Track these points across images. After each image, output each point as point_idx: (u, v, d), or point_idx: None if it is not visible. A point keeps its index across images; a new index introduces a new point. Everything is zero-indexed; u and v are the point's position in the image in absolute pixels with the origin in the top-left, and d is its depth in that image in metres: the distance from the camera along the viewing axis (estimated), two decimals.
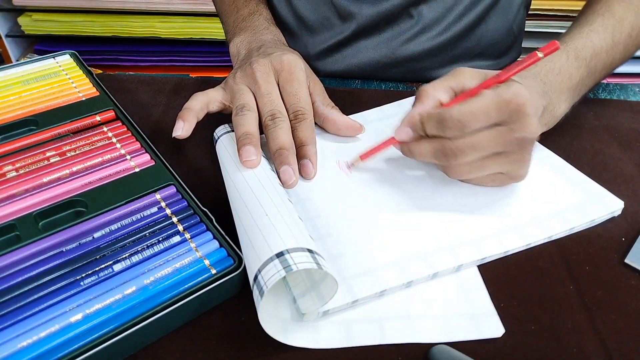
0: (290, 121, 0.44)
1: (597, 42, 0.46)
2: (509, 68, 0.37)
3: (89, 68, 0.56)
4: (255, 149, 0.40)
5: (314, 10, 0.60)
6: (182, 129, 0.44)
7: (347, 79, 0.60)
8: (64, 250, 0.35)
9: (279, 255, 0.31)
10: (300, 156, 0.44)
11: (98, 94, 0.52)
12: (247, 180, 0.38)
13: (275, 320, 0.32)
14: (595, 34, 0.46)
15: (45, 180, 0.41)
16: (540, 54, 0.37)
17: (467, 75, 0.40)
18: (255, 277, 0.31)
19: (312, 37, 0.62)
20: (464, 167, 0.39)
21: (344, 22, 0.59)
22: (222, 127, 0.46)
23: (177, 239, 0.36)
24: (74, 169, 0.42)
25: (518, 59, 0.72)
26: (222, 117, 0.48)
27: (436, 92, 0.40)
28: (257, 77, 0.45)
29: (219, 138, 0.45)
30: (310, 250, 0.32)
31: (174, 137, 0.44)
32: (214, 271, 0.34)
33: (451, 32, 0.58)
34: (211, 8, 1.29)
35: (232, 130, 0.45)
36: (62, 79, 0.54)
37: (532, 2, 1.30)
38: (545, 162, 0.45)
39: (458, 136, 0.37)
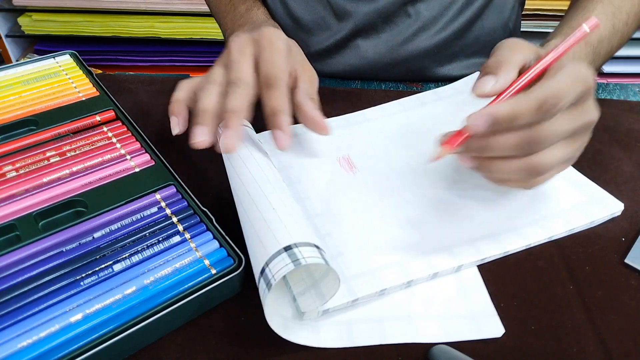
0: (261, 90, 0.41)
1: (601, 28, 0.46)
2: (563, 43, 0.35)
3: (89, 68, 0.56)
4: (207, 128, 0.38)
5: (309, 10, 0.60)
6: (178, 125, 0.42)
7: (347, 79, 0.60)
8: (64, 250, 0.35)
9: (287, 248, 0.31)
10: (271, 126, 0.40)
11: (98, 94, 0.52)
12: (254, 175, 0.38)
13: (277, 318, 0.32)
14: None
15: (45, 180, 0.41)
16: (586, 28, 0.35)
17: (526, 50, 0.36)
18: (263, 270, 0.31)
19: (309, 38, 0.62)
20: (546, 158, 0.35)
21: (340, 21, 0.59)
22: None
23: (177, 239, 0.36)
24: (74, 169, 0.42)
25: None
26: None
27: (515, 66, 0.35)
28: (232, 49, 0.42)
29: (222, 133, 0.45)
30: (317, 246, 0.32)
31: (175, 135, 0.42)
32: (214, 271, 0.34)
33: (449, 30, 0.59)
34: None
35: None
36: (62, 79, 0.54)
37: (530, 2, 1.30)
38: None
39: (543, 121, 0.32)
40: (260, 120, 0.50)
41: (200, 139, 0.37)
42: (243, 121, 0.38)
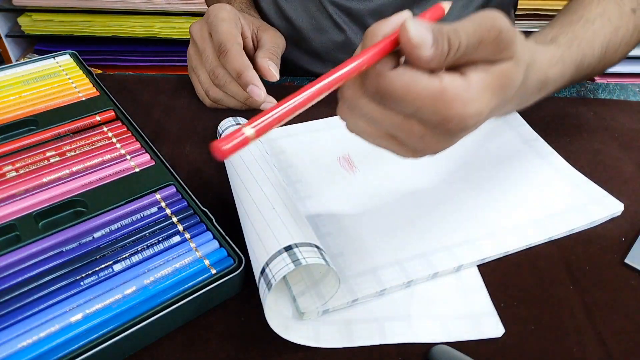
0: (219, 59, 0.48)
1: (597, 45, 0.43)
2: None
3: (89, 68, 0.56)
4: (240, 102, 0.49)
5: (302, 11, 0.60)
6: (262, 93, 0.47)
7: None
8: (64, 250, 0.35)
9: (287, 248, 0.31)
10: (243, 87, 0.46)
11: (98, 94, 0.52)
12: (254, 175, 0.38)
13: (277, 317, 0.32)
14: (597, 35, 0.43)
15: (45, 180, 0.41)
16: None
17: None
18: (263, 270, 0.31)
19: (305, 40, 0.61)
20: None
21: (335, 23, 0.59)
22: (226, 120, 0.46)
23: (177, 239, 0.36)
24: (74, 169, 0.42)
25: None
26: (224, 113, 0.48)
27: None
28: (195, 38, 0.50)
29: (223, 132, 0.45)
30: (317, 246, 0.32)
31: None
32: (214, 271, 0.34)
33: None
34: None
35: (237, 124, 0.45)
36: (62, 79, 0.54)
37: (530, 2, 1.30)
38: (546, 162, 0.45)
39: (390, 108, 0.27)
40: None
41: (259, 100, 0.47)
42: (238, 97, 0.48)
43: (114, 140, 0.46)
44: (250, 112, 0.51)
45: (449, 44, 0.26)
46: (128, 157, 0.44)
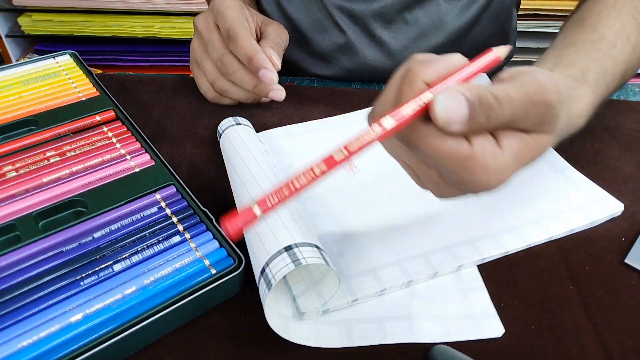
0: (229, 46, 0.47)
1: (618, 72, 0.42)
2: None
3: (89, 68, 0.56)
4: (247, 95, 0.49)
5: (304, 12, 0.60)
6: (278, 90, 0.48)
7: (347, 81, 0.60)
8: (64, 250, 0.35)
9: (287, 248, 0.31)
10: (255, 71, 0.46)
11: (98, 94, 0.52)
12: (254, 175, 0.38)
13: (277, 317, 0.32)
14: (618, 62, 0.42)
15: (45, 180, 0.41)
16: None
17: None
18: (263, 270, 0.31)
19: (307, 41, 0.61)
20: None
21: (337, 24, 0.59)
22: (226, 120, 0.46)
23: (177, 239, 0.36)
24: (74, 169, 0.42)
25: (511, 59, 0.72)
26: (224, 113, 0.48)
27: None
28: (200, 29, 0.50)
29: (223, 132, 0.45)
30: (317, 246, 0.32)
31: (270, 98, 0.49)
32: (214, 271, 0.34)
33: (447, 36, 0.58)
34: None
35: (237, 124, 0.45)
36: (62, 79, 0.54)
37: (530, 2, 1.29)
38: (546, 162, 0.45)
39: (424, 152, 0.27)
40: (259, 119, 0.51)
41: (276, 95, 0.48)
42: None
43: (114, 140, 0.46)
44: (252, 108, 0.51)
45: (487, 118, 0.24)
46: (128, 157, 0.44)
